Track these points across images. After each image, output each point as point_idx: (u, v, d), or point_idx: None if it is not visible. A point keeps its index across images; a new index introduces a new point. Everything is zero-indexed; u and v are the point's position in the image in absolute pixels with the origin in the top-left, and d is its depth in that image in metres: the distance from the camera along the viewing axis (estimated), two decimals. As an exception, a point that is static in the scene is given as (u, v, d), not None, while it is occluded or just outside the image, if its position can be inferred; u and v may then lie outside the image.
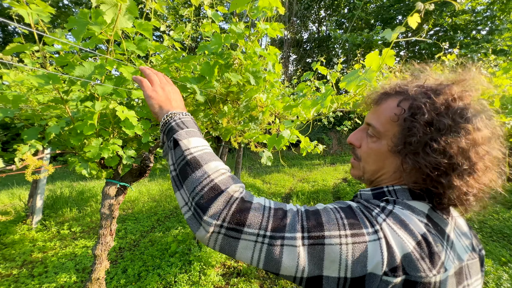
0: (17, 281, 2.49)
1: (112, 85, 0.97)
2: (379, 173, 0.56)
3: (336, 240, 0.41)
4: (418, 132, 0.47)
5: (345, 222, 0.43)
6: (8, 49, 0.98)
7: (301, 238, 0.41)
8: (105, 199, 1.25)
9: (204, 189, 0.47)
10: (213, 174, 0.49)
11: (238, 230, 0.43)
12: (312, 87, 1.95)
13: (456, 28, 11.62)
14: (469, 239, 0.51)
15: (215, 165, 0.51)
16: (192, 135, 0.56)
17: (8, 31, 10.85)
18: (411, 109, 0.49)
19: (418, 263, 0.40)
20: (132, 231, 3.63)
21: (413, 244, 0.41)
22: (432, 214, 0.47)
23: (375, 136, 0.55)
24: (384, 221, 0.43)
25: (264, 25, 1.23)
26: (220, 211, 0.44)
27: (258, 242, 0.42)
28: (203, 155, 0.53)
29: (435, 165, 0.45)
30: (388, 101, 0.55)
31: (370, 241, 0.40)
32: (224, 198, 0.46)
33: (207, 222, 0.44)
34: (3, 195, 5.24)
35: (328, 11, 18.31)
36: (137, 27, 0.99)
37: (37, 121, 1.28)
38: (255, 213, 0.44)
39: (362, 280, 0.40)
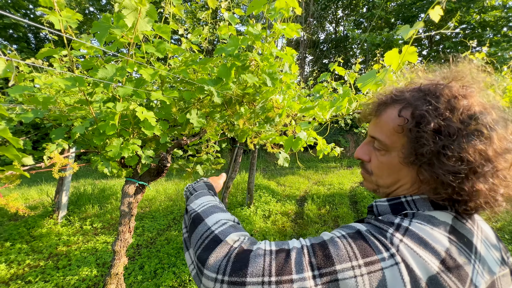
0: (44, 272, 2.64)
1: (133, 86, 1.01)
2: (395, 185, 0.52)
3: (349, 273, 0.37)
4: (428, 142, 0.43)
5: (356, 250, 0.39)
6: (41, 53, 1.05)
7: (312, 278, 0.38)
8: (125, 197, 1.29)
9: (204, 242, 0.47)
10: (213, 226, 0.49)
11: (240, 283, 0.40)
12: (329, 88, 1.91)
13: (485, 25, 10.94)
14: (498, 249, 0.47)
15: (216, 217, 0.52)
16: (198, 196, 0.62)
17: (40, 37, 11.64)
18: (414, 118, 0.46)
19: (446, 284, 0.36)
20: (149, 229, 3.74)
21: (437, 263, 0.37)
22: (457, 224, 0.44)
23: (383, 149, 0.52)
24: (401, 241, 0.39)
25: (281, 26, 1.22)
26: (219, 262, 0.42)
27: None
28: (206, 209, 0.55)
29: (454, 173, 0.42)
30: (388, 111, 0.51)
31: (387, 268, 0.37)
32: (223, 248, 0.44)
33: (207, 276, 0.42)
34: (33, 191, 5.60)
35: (346, 11, 17.95)
36: (156, 30, 1.01)
37: (64, 122, 1.35)
38: (256, 259, 0.41)
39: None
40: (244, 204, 4.59)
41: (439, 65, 0.58)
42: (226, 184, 3.12)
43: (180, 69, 1.29)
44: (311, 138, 1.33)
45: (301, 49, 15.78)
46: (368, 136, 0.57)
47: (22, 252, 2.99)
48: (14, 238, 3.32)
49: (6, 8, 9.67)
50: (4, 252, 2.97)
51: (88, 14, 12.25)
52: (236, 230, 0.49)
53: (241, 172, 6.98)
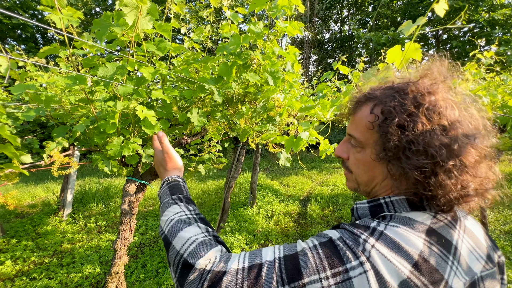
0: (48, 269, 2.67)
1: (133, 85, 1.00)
2: (372, 182, 0.53)
3: (317, 285, 0.37)
4: (393, 137, 0.45)
5: (324, 262, 0.39)
6: (42, 51, 1.05)
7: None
8: (125, 196, 1.29)
9: (178, 267, 0.47)
10: (181, 249, 0.49)
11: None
12: (333, 87, 1.89)
13: (494, 23, 10.72)
14: (483, 246, 0.47)
15: (182, 236, 0.51)
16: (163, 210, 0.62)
17: (47, 38, 11.82)
18: (383, 113, 0.47)
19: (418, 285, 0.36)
20: (153, 227, 3.76)
21: (409, 267, 0.37)
22: (436, 224, 0.43)
23: (358, 146, 0.53)
24: (373, 247, 0.39)
25: (283, 24, 1.20)
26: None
27: None
28: (171, 229, 0.55)
29: (419, 167, 0.43)
30: (362, 109, 0.53)
31: (355, 276, 0.36)
32: (195, 275, 0.44)
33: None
34: (39, 189, 5.69)
35: (351, 10, 17.79)
36: (157, 28, 1.01)
37: (67, 120, 1.36)
38: (228, 284, 0.41)
39: None
40: (247, 204, 4.58)
41: None
42: (228, 183, 3.11)
43: (181, 67, 1.28)
44: (313, 138, 1.31)
45: (306, 48, 15.70)
46: (346, 134, 0.58)
47: (28, 249, 3.03)
48: (20, 235, 3.37)
49: (15, 8, 9.84)
50: (10, 249, 3.02)
51: (94, 14, 12.39)
52: (205, 248, 0.48)
53: (244, 172, 6.98)
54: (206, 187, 6.07)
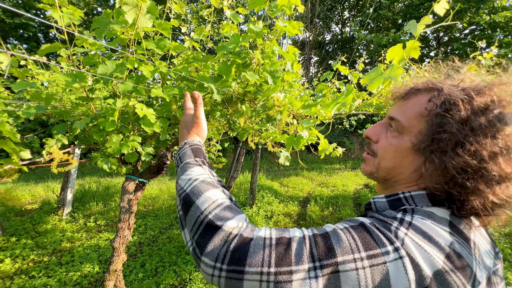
0: (47, 268, 2.67)
1: (133, 83, 1.01)
2: (395, 171, 0.51)
3: (351, 265, 0.36)
4: (451, 128, 0.43)
5: (359, 243, 0.38)
6: (42, 49, 1.06)
7: (313, 269, 0.37)
8: (124, 194, 1.29)
9: (200, 228, 0.45)
10: (207, 210, 0.47)
11: (239, 271, 0.39)
12: (332, 87, 1.89)
13: (495, 26, 10.72)
14: (489, 243, 0.48)
15: (208, 197, 0.49)
16: (185, 170, 0.56)
17: (49, 37, 11.86)
18: (445, 104, 0.45)
19: (452, 279, 0.35)
20: (152, 227, 3.76)
21: (442, 258, 0.36)
22: (455, 220, 0.43)
23: (397, 131, 0.51)
24: (406, 235, 0.38)
25: (282, 23, 1.21)
26: (218, 251, 0.41)
27: (263, 281, 0.38)
28: (195, 188, 0.51)
29: (464, 166, 0.41)
30: (418, 96, 0.50)
31: (391, 261, 0.36)
32: (220, 236, 0.43)
33: (206, 263, 0.42)
34: (40, 188, 5.70)
35: (352, 11, 17.82)
36: (156, 27, 1.01)
37: (67, 118, 1.36)
38: (255, 249, 0.40)
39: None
40: (247, 204, 4.58)
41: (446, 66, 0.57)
42: (228, 183, 3.11)
43: (181, 66, 1.28)
44: (313, 137, 1.31)
45: (307, 50, 15.72)
46: (386, 118, 0.55)
47: (27, 247, 3.04)
48: (19, 234, 3.38)
49: (18, 8, 9.90)
50: (9, 247, 3.02)
51: (96, 14, 12.44)
52: (232, 213, 0.46)
53: (244, 172, 6.98)
54: (206, 187, 6.06)
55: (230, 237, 0.42)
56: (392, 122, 0.53)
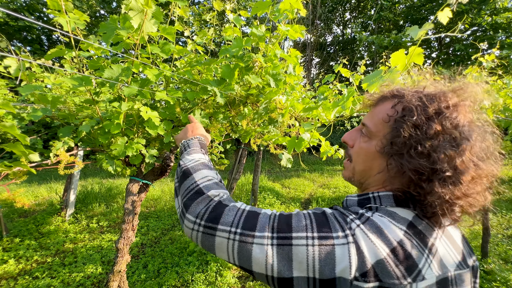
0: (51, 269, 2.69)
1: (138, 86, 1.03)
2: (366, 174, 0.56)
3: (302, 241, 0.42)
4: (404, 133, 0.47)
5: (314, 225, 0.44)
6: (49, 54, 1.08)
7: (270, 238, 0.44)
8: (128, 195, 1.31)
9: (190, 193, 0.56)
10: (199, 181, 0.58)
11: (213, 228, 0.48)
12: (334, 89, 1.90)
13: (497, 27, 10.69)
14: (459, 248, 0.50)
15: (203, 173, 0.61)
16: (190, 153, 0.69)
17: (52, 39, 11.97)
18: (403, 110, 0.49)
19: (391, 269, 0.39)
20: (154, 228, 3.77)
21: (387, 250, 0.40)
22: (417, 221, 0.46)
23: (367, 136, 0.56)
24: (358, 226, 0.43)
25: (285, 27, 1.22)
26: (199, 210, 0.51)
27: (230, 239, 0.46)
28: (195, 166, 0.63)
29: (418, 168, 0.45)
30: (385, 103, 0.55)
31: (338, 245, 0.41)
32: (204, 199, 0.53)
33: (188, 219, 0.52)
34: (43, 189, 5.74)
35: (354, 13, 17.84)
36: (161, 31, 1.03)
37: (72, 121, 1.38)
38: (229, 213, 0.49)
39: (332, 282, 0.40)
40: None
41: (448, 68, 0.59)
42: (230, 185, 3.12)
43: (184, 69, 1.30)
44: (315, 140, 1.32)
45: (308, 51, 15.74)
46: (360, 123, 0.60)
47: (31, 248, 3.06)
48: (23, 235, 3.40)
49: (21, 11, 9.99)
50: (13, 248, 3.04)
51: (99, 17, 12.53)
52: (218, 187, 0.57)
53: (245, 174, 6.99)
54: (207, 188, 6.08)
55: (211, 202, 0.53)
56: (363, 128, 0.58)
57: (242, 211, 0.50)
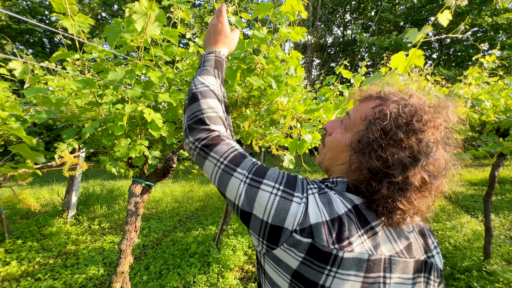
0: (53, 270, 2.70)
1: (141, 89, 1.04)
2: (334, 162, 0.61)
3: (269, 188, 0.50)
4: (372, 134, 0.50)
5: (283, 181, 0.52)
6: (54, 56, 1.09)
7: (246, 177, 0.52)
8: (131, 196, 1.32)
9: (194, 118, 0.63)
10: (205, 110, 0.63)
11: (206, 152, 0.58)
12: (335, 91, 1.91)
13: (498, 28, 10.69)
14: (406, 241, 0.52)
15: (210, 103, 0.65)
16: (202, 74, 0.71)
17: (54, 42, 12.04)
18: (379, 113, 0.53)
19: (324, 233, 0.45)
20: (155, 230, 3.78)
21: (327, 218, 0.47)
22: (362, 207, 0.51)
23: (344, 128, 0.61)
24: (313, 194, 0.50)
25: (286, 29, 1.23)
26: (199, 136, 0.60)
27: (216, 166, 0.56)
28: (203, 91, 0.67)
29: (373, 168, 0.49)
30: (369, 102, 0.58)
31: (295, 202, 0.48)
32: (206, 129, 0.61)
33: (189, 139, 0.62)
34: (44, 191, 5.75)
35: (354, 14, 17.88)
36: (164, 34, 1.04)
37: (75, 123, 1.39)
38: (223, 146, 0.58)
39: (279, 230, 0.47)
40: (250, 207, 4.58)
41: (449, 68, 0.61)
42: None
43: (187, 71, 1.31)
44: (316, 141, 1.33)
45: (309, 52, 15.77)
46: (344, 114, 0.64)
47: (33, 250, 3.07)
48: (25, 236, 3.41)
49: (24, 14, 10.07)
50: (15, 250, 3.05)
51: (100, 19, 12.61)
52: (221, 121, 0.64)
53: (247, 175, 6.97)
54: (209, 190, 6.09)
55: (211, 133, 0.61)
56: (345, 118, 0.62)
57: (234, 149, 0.58)
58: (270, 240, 0.48)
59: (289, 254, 0.46)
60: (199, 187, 6.35)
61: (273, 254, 0.49)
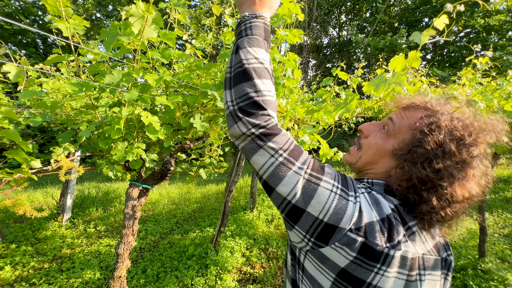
0: (48, 275, 2.65)
1: (138, 91, 1.03)
2: (370, 165, 0.61)
3: (329, 186, 0.49)
4: (427, 145, 0.51)
5: (340, 179, 0.52)
6: (49, 59, 1.07)
7: (305, 172, 0.50)
8: (129, 200, 1.30)
9: (248, 100, 0.54)
10: (262, 92, 0.55)
11: (264, 141, 0.52)
12: (332, 92, 1.92)
13: (490, 29, 10.87)
14: (434, 240, 0.55)
15: (267, 84, 0.57)
16: (253, 45, 0.59)
17: (48, 43, 11.89)
18: (431, 125, 0.54)
19: (377, 232, 0.46)
20: (152, 232, 3.75)
21: (378, 218, 0.48)
22: (400, 208, 0.53)
23: (386, 133, 0.60)
24: (363, 194, 0.51)
25: (283, 32, 1.24)
26: (258, 122, 0.53)
27: (274, 157, 0.51)
28: (259, 69, 0.57)
29: (425, 179, 0.51)
30: (416, 112, 0.59)
31: (351, 202, 0.48)
32: (264, 115, 0.54)
33: (244, 124, 0.54)
34: (39, 194, 5.67)
35: (350, 15, 18.02)
36: (161, 37, 1.04)
37: (70, 126, 1.38)
38: (282, 137, 0.53)
39: (333, 229, 0.47)
40: (247, 208, 4.58)
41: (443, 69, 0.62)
42: (228, 187, 3.12)
43: (184, 74, 1.31)
44: (315, 142, 1.33)
45: (304, 53, 15.84)
46: (386, 118, 0.63)
47: (27, 254, 3.02)
48: (19, 240, 3.36)
49: (16, 14, 9.93)
50: (9, 254, 3.00)
51: (95, 20, 12.50)
52: (276, 108, 0.58)
53: (244, 176, 6.98)
54: (206, 191, 6.06)
55: (270, 120, 0.54)
56: (388, 123, 0.61)
57: (291, 141, 0.54)
58: (320, 238, 0.48)
59: (339, 252, 0.47)
60: (196, 188, 6.32)
61: (319, 252, 0.48)
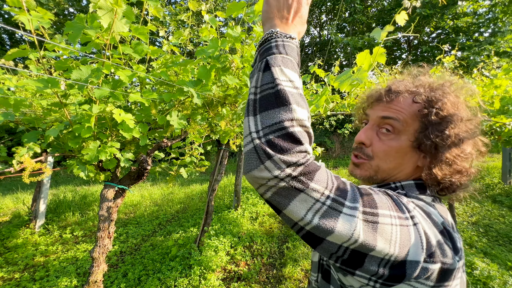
0: (19, 285, 2.49)
1: (109, 88, 0.99)
2: (397, 170, 0.55)
3: (388, 219, 0.41)
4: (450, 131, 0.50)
5: (390, 204, 0.43)
6: (9, 54, 1.01)
7: (359, 211, 0.40)
8: (103, 201, 1.26)
9: (283, 131, 0.42)
10: (295, 121, 0.43)
11: (304, 183, 0.40)
12: (311, 90, 1.96)
13: (458, 30, 11.59)
14: None
15: (302, 113, 0.45)
16: (288, 66, 0.48)
17: (15, 38, 11.10)
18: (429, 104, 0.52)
19: (446, 250, 0.41)
20: (134, 235, 3.63)
21: (438, 233, 0.42)
22: (437, 205, 0.50)
23: (392, 133, 0.55)
24: (414, 209, 0.44)
25: (260, 29, 1.24)
26: (294, 160, 0.41)
27: (320, 201, 0.40)
28: (296, 95, 0.45)
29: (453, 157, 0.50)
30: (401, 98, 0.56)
31: (411, 226, 0.41)
32: (301, 151, 0.42)
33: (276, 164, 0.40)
34: (8, 200, 5.30)
35: (330, 15, 18.42)
36: (133, 31, 1.00)
37: (39, 125, 1.30)
38: (322, 174, 0.42)
39: (403, 265, 0.39)
40: (231, 206, 4.57)
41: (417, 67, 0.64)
42: (211, 186, 3.09)
43: (160, 70, 1.28)
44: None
45: (287, 52, 15.98)
46: (376, 119, 0.58)
47: (-5, 265, 2.82)
48: (-15, 250, 3.13)
49: (-23, 7, 9.17)
50: (-26, 266, 2.79)
51: (68, 15, 11.83)
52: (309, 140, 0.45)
53: (228, 175, 6.95)
54: (189, 191, 5.97)
55: (307, 156, 0.42)
56: (387, 122, 0.56)
57: (331, 175, 0.44)
58: (391, 278, 0.40)
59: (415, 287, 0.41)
60: (179, 189, 6.20)
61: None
